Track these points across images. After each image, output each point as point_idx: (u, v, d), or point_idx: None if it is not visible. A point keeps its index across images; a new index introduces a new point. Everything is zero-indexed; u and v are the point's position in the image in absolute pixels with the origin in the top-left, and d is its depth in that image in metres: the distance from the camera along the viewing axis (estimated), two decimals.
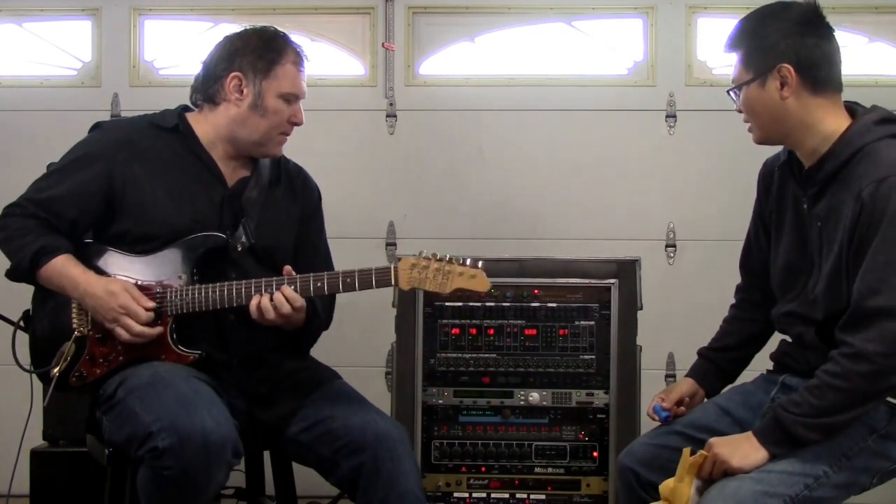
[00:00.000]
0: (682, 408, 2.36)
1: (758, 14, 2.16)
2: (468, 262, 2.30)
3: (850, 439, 2.05)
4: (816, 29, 2.12)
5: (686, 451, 2.05)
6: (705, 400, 2.41)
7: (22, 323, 2.46)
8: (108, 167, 2.40)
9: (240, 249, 2.42)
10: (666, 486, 2.06)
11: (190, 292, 2.34)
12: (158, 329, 2.33)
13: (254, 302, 2.30)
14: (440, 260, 2.29)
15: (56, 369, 2.34)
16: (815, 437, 2.00)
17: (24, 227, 2.37)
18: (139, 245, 2.39)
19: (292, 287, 2.32)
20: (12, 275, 2.38)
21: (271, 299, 2.29)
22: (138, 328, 2.30)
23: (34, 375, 2.42)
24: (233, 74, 2.42)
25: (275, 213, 2.51)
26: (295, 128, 2.51)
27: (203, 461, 2.11)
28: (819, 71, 2.10)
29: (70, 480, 3.15)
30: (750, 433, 2.05)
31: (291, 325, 2.38)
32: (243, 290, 2.33)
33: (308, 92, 2.51)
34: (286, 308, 2.30)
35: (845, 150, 2.07)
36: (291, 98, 2.45)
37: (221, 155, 2.48)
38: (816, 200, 2.13)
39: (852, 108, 2.15)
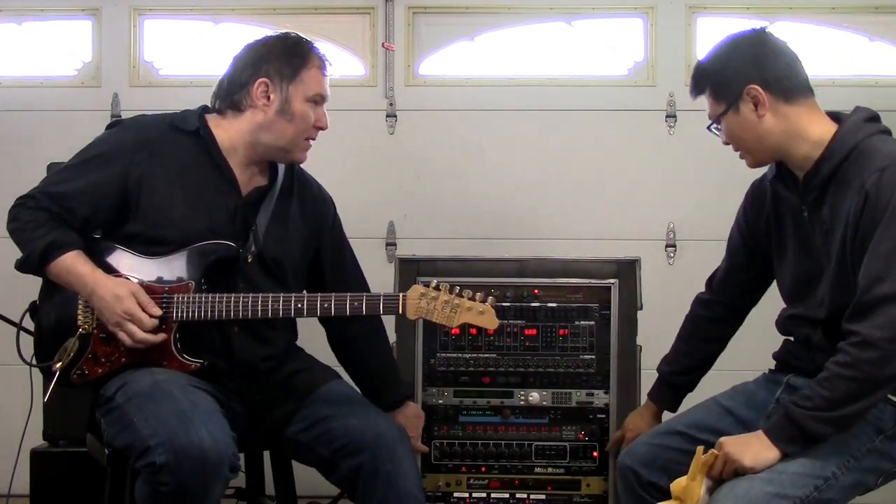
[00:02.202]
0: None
1: (711, 53, 2.22)
2: (478, 297, 2.31)
3: (857, 440, 2.06)
4: (770, 45, 2.17)
5: (699, 449, 2.04)
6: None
7: (28, 316, 2.44)
8: (125, 168, 2.37)
9: (249, 260, 2.41)
10: (678, 484, 2.05)
11: (197, 300, 2.32)
12: (162, 336, 2.31)
13: None
14: (450, 292, 2.30)
15: (58, 364, 2.33)
16: (827, 430, 1.99)
17: (35, 219, 2.34)
18: (150, 247, 2.37)
19: (300, 306, 2.33)
20: (22, 267, 2.36)
21: None
22: (141, 335, 2.28)
23: (35, 372, 2.41)
24: (259, 80, 2.41)
25: (284, 225, 2.50)
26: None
27: (200, 478, 2.10)
28: (786, 81, 2.14)
29: (70, 480, 3.15)
30: (760, 432, 2.05)
31: None
32: (250, 303, 2.32)
33: None
34: None
35: (840, 150, 2.09)
36: (318, 99, 2.45)
37: (240, 162, 2.45)
38: (818, 206, 2.13)
39: (835, 114, 2.18)
